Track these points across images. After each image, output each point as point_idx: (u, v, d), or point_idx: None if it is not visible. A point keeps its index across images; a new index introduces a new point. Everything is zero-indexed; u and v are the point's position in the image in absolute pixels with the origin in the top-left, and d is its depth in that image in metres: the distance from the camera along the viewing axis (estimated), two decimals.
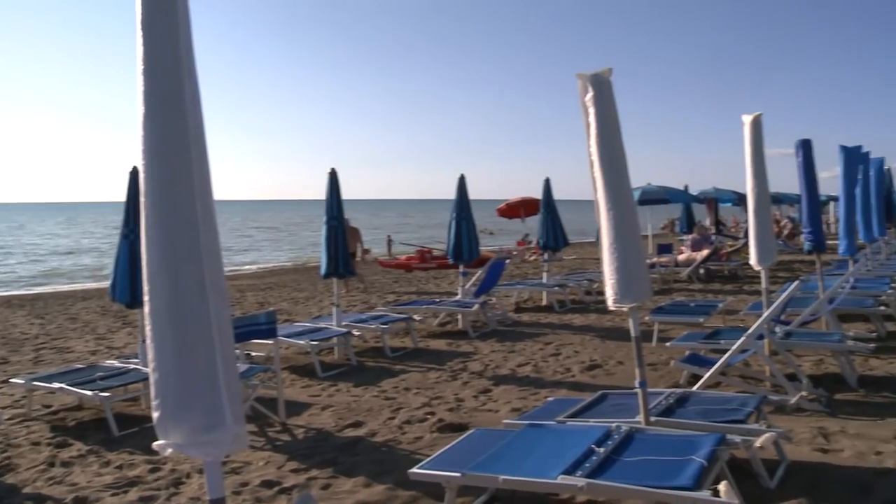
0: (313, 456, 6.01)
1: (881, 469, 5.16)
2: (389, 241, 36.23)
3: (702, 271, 18.66)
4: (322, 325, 10.56)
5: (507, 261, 18.19)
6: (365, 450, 6.14)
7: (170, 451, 2.62)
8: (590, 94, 4.67)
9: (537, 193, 15.89)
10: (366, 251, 22.62)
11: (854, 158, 11.07)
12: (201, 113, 2.64)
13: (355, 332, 10.33)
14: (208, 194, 2.61)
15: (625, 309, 4.87)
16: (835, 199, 21.08)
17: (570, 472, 4.12)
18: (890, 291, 11.53)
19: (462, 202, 12.67)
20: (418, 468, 4.50)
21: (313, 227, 55.89)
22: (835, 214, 33.80)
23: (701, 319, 9.91)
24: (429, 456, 4.86)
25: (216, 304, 2.59)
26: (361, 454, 6.02)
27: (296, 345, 9.45)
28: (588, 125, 4.71)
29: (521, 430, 5.08)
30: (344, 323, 10.43)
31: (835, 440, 5.81)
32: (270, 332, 7.20)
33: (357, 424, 6.85)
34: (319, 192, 10.79)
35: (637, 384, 4.99)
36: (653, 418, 5.15)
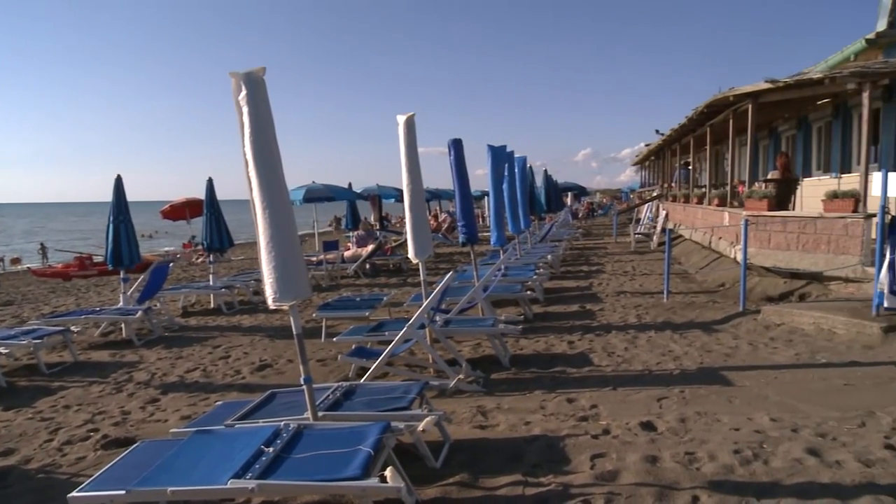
0: None
1: (530, 437, 5.85)
2: (43, 249, 33.30)
3: (368, 266, 19.38)
4: None
5: (172, 264, 17.49)
6: (18, 480, 5.57)
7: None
8: (243, 93, 4.69)
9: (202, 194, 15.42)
10: (15, 260, 20.41)
11: (500, 156, 12.31)
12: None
13: (2, 351, 9.34)
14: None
15: (285, 307, 4.99)
16: (488, 194, 23.27)
17: (240, 475, 4.14)
18: (535, 277, 13.05)
19: (119, 204, 11.93)
20: (78, 491, 4.23)
21: None
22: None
23: (367, 313, 10.33)
24: (92, 477, 4.59)
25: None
26: (14, 485, 5.46)
27: None
28: (242, 124, 4.73)
29: (188, 437, 4.96)
30: None
31: (492, 416, 6.46)
32: None
33: (7, 453, 6.18)
34: None
35: (302, 381, 5.13)
36: (321, 413, 5.33)
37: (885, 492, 4.44)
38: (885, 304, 9.11)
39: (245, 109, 4.70)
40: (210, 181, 14.82)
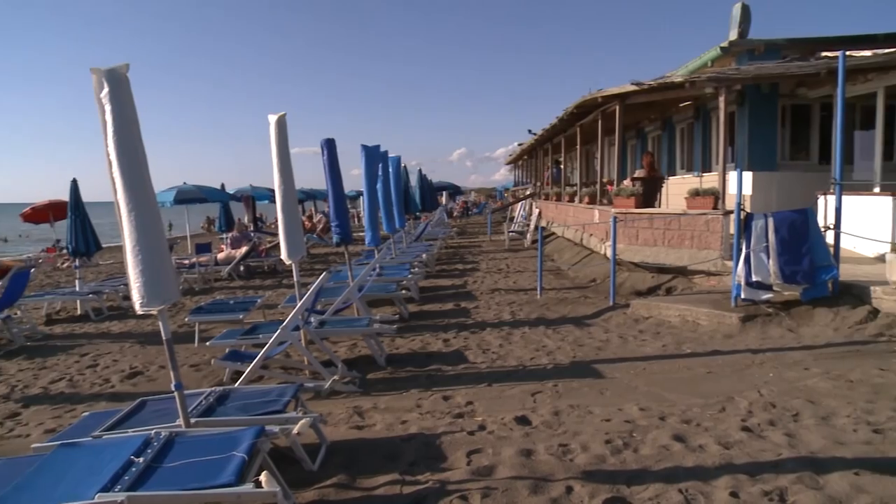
0: None
1: (407, 436, 5.89)
2: None
3: (242, 268, 19.06)
4: None
5: (33, 269, 16.57)
6: None
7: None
8: (105, 90, 4.48)
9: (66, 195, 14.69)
10: None
11: (374, 156, 12.31)
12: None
13: None
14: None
15: (154, 312, 4.82)
16: (362, 193, 23.14)
17: (108, 488, 3.96)
18: (410, 276, 13.12)
19: None
20: None
21: None
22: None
23: (241, 316, 10.13)
24: None
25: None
26: None
27: None
28: (105, 123, 4.53)
29: (51, 452, 4.69)
30: None
31: (368, 416, 6.46)
32: None
33: None
34: None
35: (173, 387, 4.98)
36: (193, 420, 5.19)
37: (741, 471, 4.72)
38: (743, 296, 9.68)
39: (108, 108, 4.50)
40: (74, 182, 14.17)
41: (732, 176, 10.64)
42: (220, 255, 19.55)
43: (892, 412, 5.79)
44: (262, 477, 4.06)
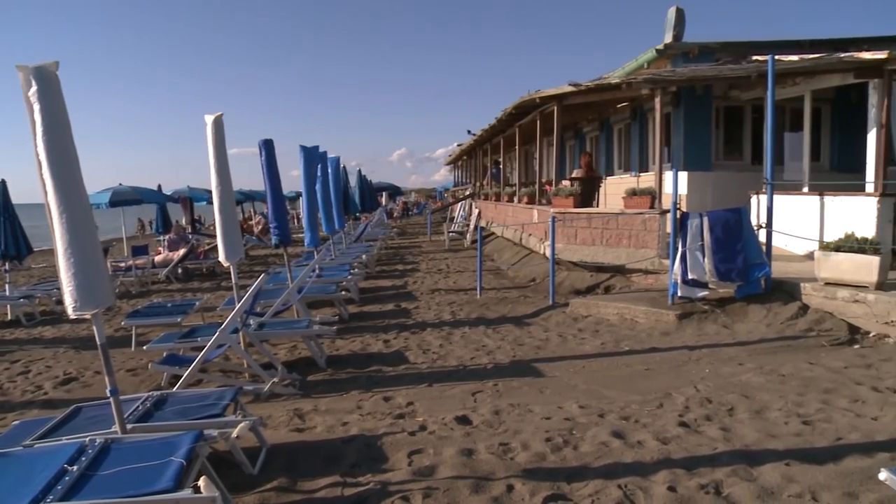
0: None
1: (348, 437, 5.85)
2: None
3: (180, 271, 18.77)
4: None
5: None
6: None
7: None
8: (34, 89, 4.35)
9: None
10: None
11: (313, 157, 12.22)
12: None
13: None
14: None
15: (87, 316, 4.70)
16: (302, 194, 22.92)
17: (39, 499, 3.84)
18: (350, 277, 13.07)
19: None
20: None
21: None
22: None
23: (179, 319, 9.96)
24: None
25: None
26: None
27: None
28: (33, 122, 4.40)
29: None
30: None
31: (309, 419, 6.41)
32: None
33: None
34: None
35: (108, 393, 4.86)
36: (130, 426, 5.07)
37: (679, 465, 4.81)
38: (679, 294, 9.89)
39: (36, 107, 4.36)
40: (3, 183, 13.75)
41: (669, 176, 10.87)
42: (158, 258, 19.18)
43: (820, 404, 5.98)
44: (201, 482, 3.99)
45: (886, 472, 3.01)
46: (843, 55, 11.61)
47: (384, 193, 49.18)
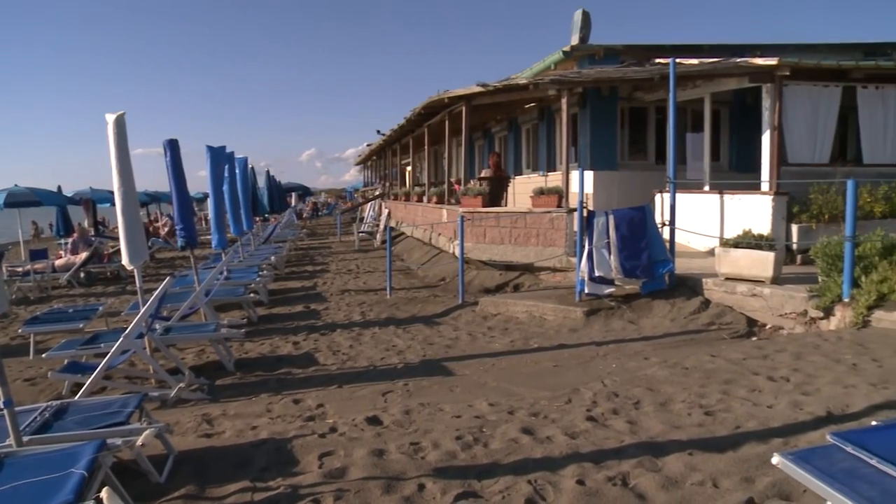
0: None
1: (257, 441, 5.75)
2: None
3: (82, 275, 18.10)
4: None
5: None
6: None
7: None
8: None
9: None
10: None
11: (220, 157, 11.99)
12: None
13: None
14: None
15: None
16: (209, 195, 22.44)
17: None
18: (258, 279, 12.88)
19: None
20: None
21: None
22: None
23: (81, 325, 9.59)
24: None
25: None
26: None
27: None
28: None
29: None
30: None
31: (218, 424, 6.27)
32: None
33: None
34: None
35: (2, 404, 4.65)
36: (26, 438, 4.86)
37: (587, 459, 4.91)
38: (587, 291, 10.11)
39: None
40: None
41: (575, 175, 11.09)
42: (59, 262, 18.44)
43: (721, 395, 6.20)
44: (104, 493, 3.86)
45: (779, 457, 3.15)
46: (738, 60, 12.08)
47: (293, 194, 48.59)
